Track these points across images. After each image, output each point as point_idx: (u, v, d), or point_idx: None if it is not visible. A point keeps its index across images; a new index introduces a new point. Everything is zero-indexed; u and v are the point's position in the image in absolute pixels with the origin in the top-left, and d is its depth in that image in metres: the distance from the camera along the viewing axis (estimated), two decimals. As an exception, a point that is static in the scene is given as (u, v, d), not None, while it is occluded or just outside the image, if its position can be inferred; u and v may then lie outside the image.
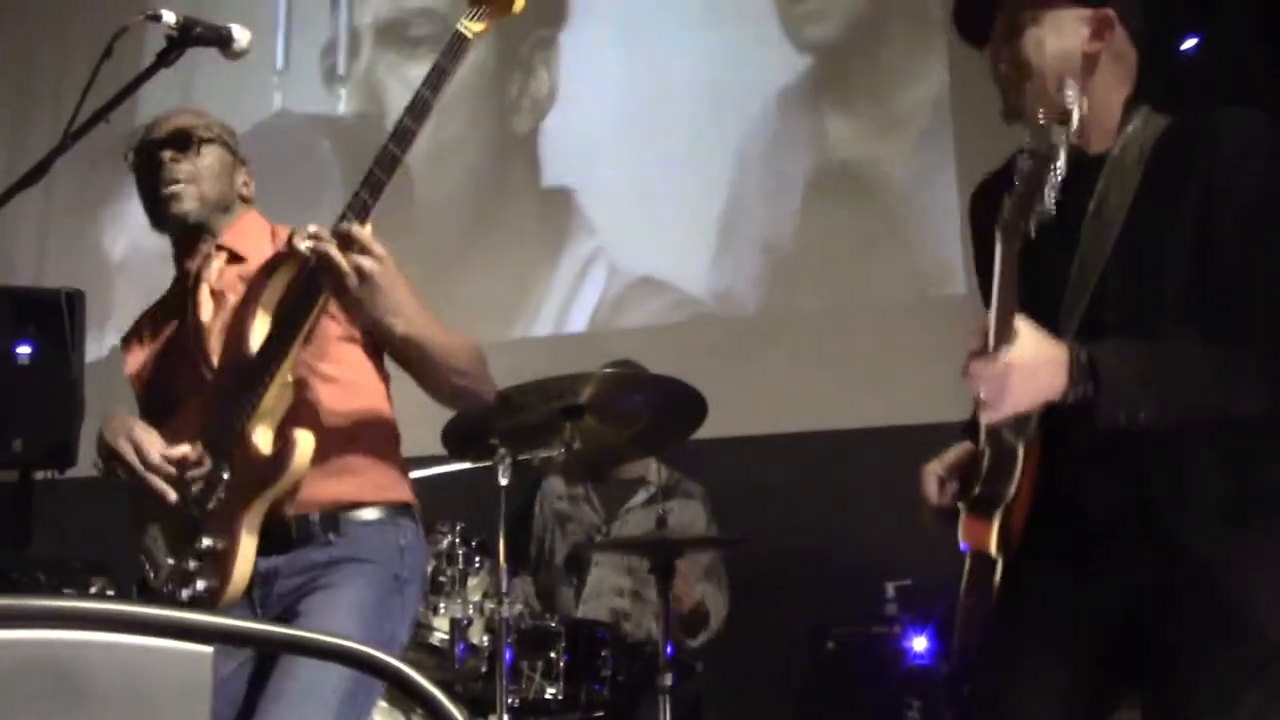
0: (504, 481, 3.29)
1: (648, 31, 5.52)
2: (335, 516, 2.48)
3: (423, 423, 3.25)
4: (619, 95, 5.51)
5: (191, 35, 2.41)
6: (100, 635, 0.97)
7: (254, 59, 2.55)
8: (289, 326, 2.35)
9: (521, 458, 3.37)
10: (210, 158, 2.62)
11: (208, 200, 2.60)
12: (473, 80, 5.62)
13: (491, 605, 3.28)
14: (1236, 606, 2.02)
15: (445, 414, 3.36)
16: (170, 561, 2.47)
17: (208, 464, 2.41)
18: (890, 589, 4.25)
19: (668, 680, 3.44)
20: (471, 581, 3.51)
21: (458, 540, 3.50)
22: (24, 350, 4.61)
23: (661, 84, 5.43)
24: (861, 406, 4.81)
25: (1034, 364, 1.94)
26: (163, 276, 2.75)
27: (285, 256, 2.39)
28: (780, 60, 5.29)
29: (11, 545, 4.81)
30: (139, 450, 2.42)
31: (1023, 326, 1.94)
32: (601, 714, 3.71)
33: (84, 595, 4.08)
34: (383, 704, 3.41)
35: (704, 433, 3.65)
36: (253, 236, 2.63)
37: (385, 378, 2.63)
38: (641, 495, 4.26)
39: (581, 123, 5.55)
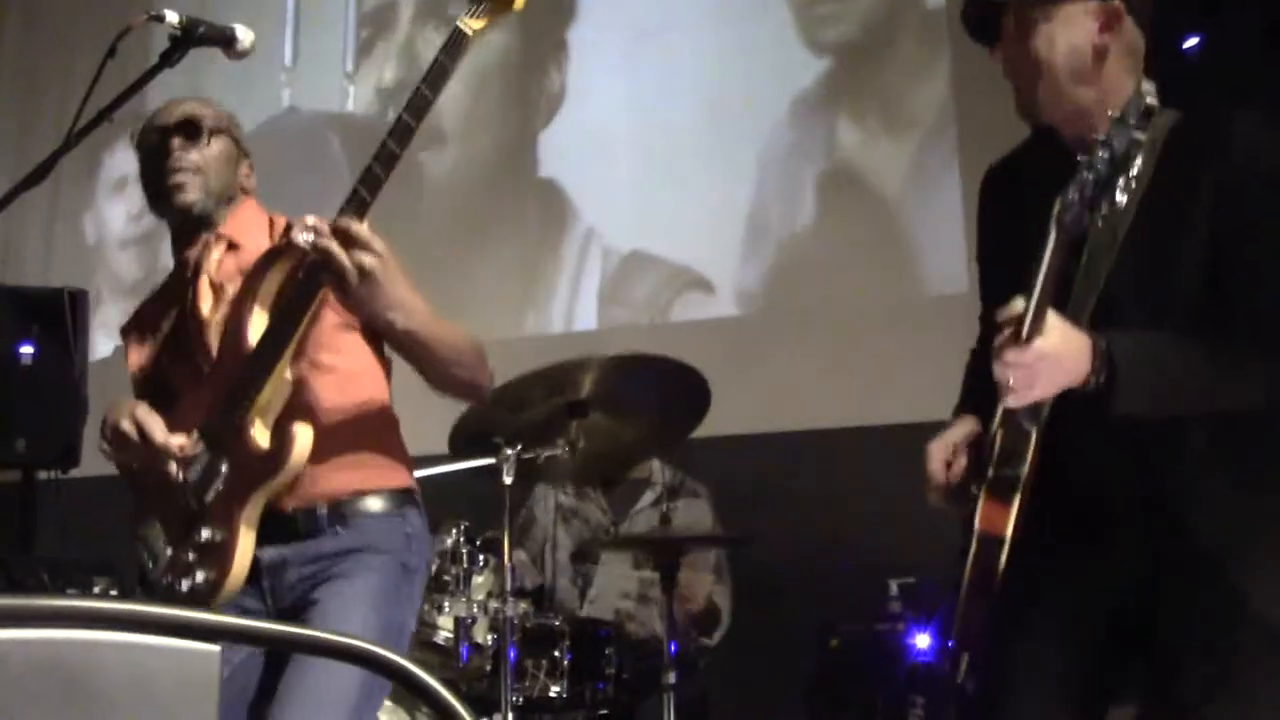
0: (508, 480, 3.29)
1: (656, 31, 5.52)
2: (341, 508, 2.49)
3: (428, 422, 3.25)
4: (627, 96, 5.51)
5: (195, 35, 2.42)
6: (107, 635, 0.98)
7: (262, 55, 2.56)
8: (287, 321, 2.35)
9: (526, 456, 3.37)
10: (217, 148, 2.62)
11: (212, 192, 2.60)
12: (483, 79, 5.62)
13: (496, 604, 3.28)
14: (1238, 597, 2.04)
15: (451, 414, 3.37)
16: (169, 552, 2.48)
17: (205, 456, 2.42)
18: (894, 587, 4.25)
19: (671, 678, 3.45)
20: (476, 580, 3.51)
21: (462, 539, 3.51)
22: (27, 350, 4.61)
23: (669, 85, 5.43)
24: (866, 404, 4.81)
25: (1062, 353, 1.96)
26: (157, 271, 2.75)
27: (284, 249, 2.39)
28: (792, 62, 5.28)
29: (15, 545, 4.82)
30: (143, 431, 2.42)
31: (1052, 316, 1.95)
32: (606, 712, 3.72)
33: (89, 595, 4.09)
34: (388, 703, 3.42)
35: (708, 431, 3.66)
36: (252, 226, 2.64)
37: (386, 363, 2.64)
38: (648, 496, 4.26)
39: (590, 123, 5.55)
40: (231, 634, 0.98)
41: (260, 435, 2.37)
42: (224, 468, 2.40)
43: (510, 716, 3.23)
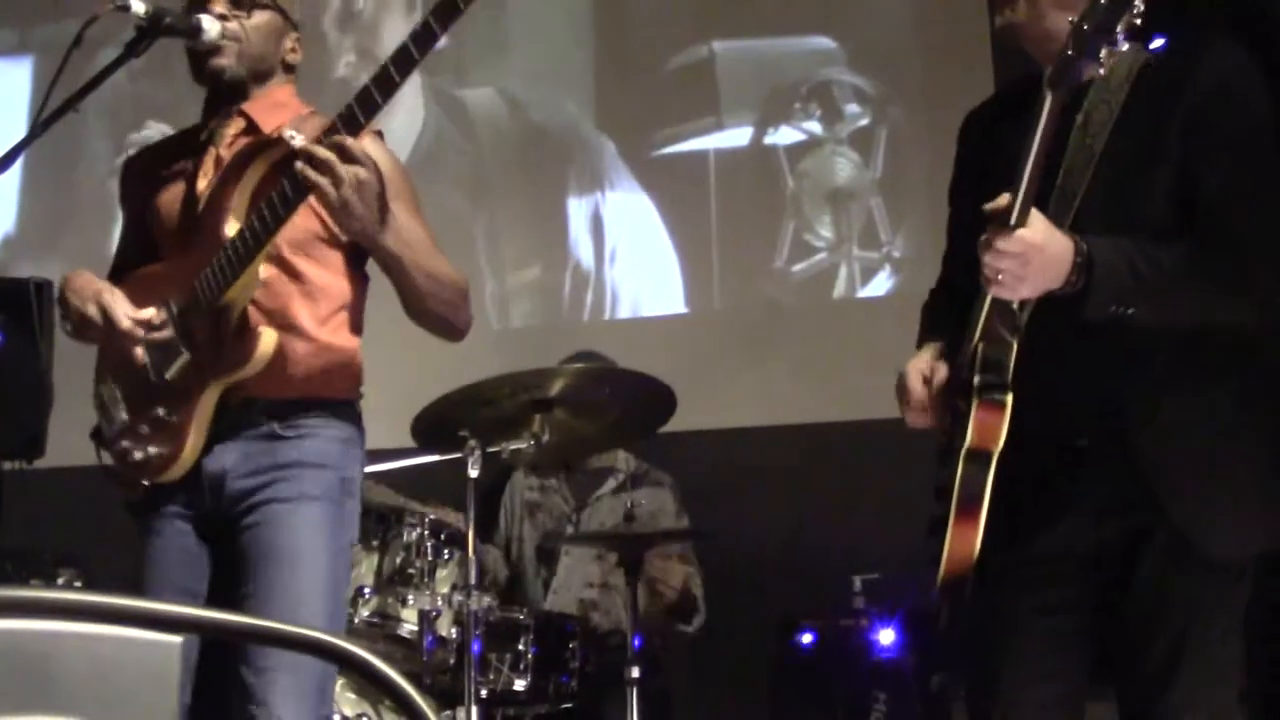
0: (474, 474, 3.29)
1: None
2: (284, 412, 2.51)
3: (392, 415, 3.26)
4: (594, 86, 5.51)
5: (161, 25, 2.42)
6: (68, 625, 0.98)
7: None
8: (267, 219, 2.34)
9: (491, 450, 3.37)
10: (260, 19, 2.59)
11: (246, 58, 2.57)
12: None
13: (460, 598, 3.29)
14: (1200, 530, 2.06)
15: (415, 407, 3.38)
16: (125, 418, 2.54)
17: (169, 332, 2.45)
18: (858, 583, 4.28)
19: (635, 673, 3.46)
20: (440, 573, 3.51)
21: (426, 532, 3.51)
22: (-8, 340, 4.58)
23: (637, 74, 5.44)
24: (830, 401, 4.84)
25: (1049, 245, 1.97)
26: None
27: (277, 143, 2.37)
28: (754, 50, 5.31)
29: (-21, 536, 4.79)
30: (107, 314, 2.44)
31: (1036, 213, 1.97)
32: (569, 706, 3.73)
33: (50, 585, 4.08)
34: (350, 695, 3.42)
35: (673, 425, 3.67)
36: (279, 111, 2.60)
37: (364, 280, 2.65)
38: (610, 483, 4.27)
39: (558, 113, 5.55)
40: (194, 625, 0.99)
41: (226, 328, 2.41)
42: (186, 351, 2.45)
43: (474, 710, 3.23)
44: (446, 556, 3.55)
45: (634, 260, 5.38)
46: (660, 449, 4.28)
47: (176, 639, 0.97)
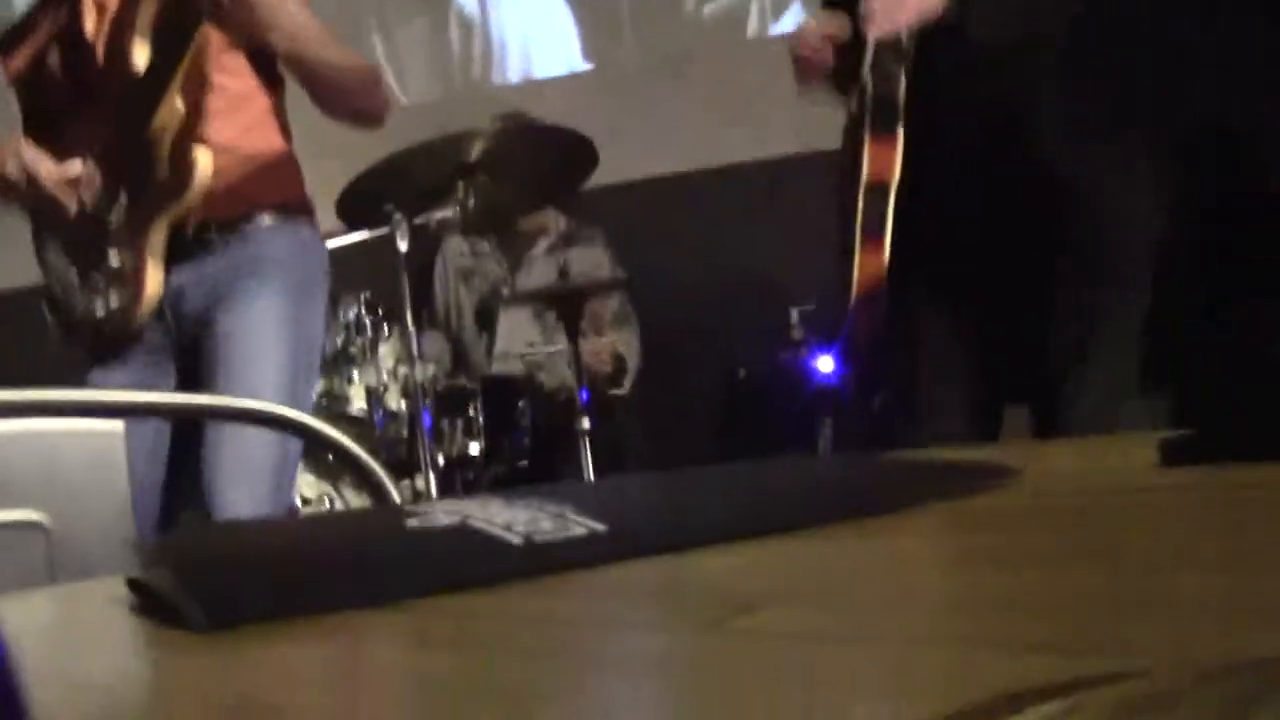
0: (403, 247, 3.29)
1: None
2: (234, 224, 2.49)
3: (316, 197, 3.23)
4: None
5: None
6: (9, 423, 1.00)
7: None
8: (170, 47, 2.31)
9: (418, 221, 3.36)
10: None
11: None
12: None
13: (405, 370, 3.32)
14: (1091, 228, 2.12)
15: (337, 187, 3.35)
16: (76, 279, 2.51)
17: (99, 181, 2.42)
18: (795, 314, 4.35)
19: (585, 424, 3.52)
20: (382, 349, 3.54)
21: (364, 310, 3.52)
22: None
23: None
24: (753, 140, 4.82)
25: None
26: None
27: None
28: None
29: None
30: (30, 174, 2.42)
31: None
32: (525, 463, 3.81)
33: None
34: (310, 476, 3.48)
35: (598, 179, 3.66)
36: None
37: (279, 81, 2.61)
38: (543, 244, 4.29)
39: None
40: (133, 409, 1.01)
41: (160, 161, 2.38)
42: (123, 195, 2.41)
43: (431, 476, 3.30)
44: (386, 333, 3.58)
45: (534, 16, 5.29)
46: (587, 205, 4.28)
47: (119, 425, 0.99)
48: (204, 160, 2.37)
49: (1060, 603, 0.39)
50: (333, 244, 3.63)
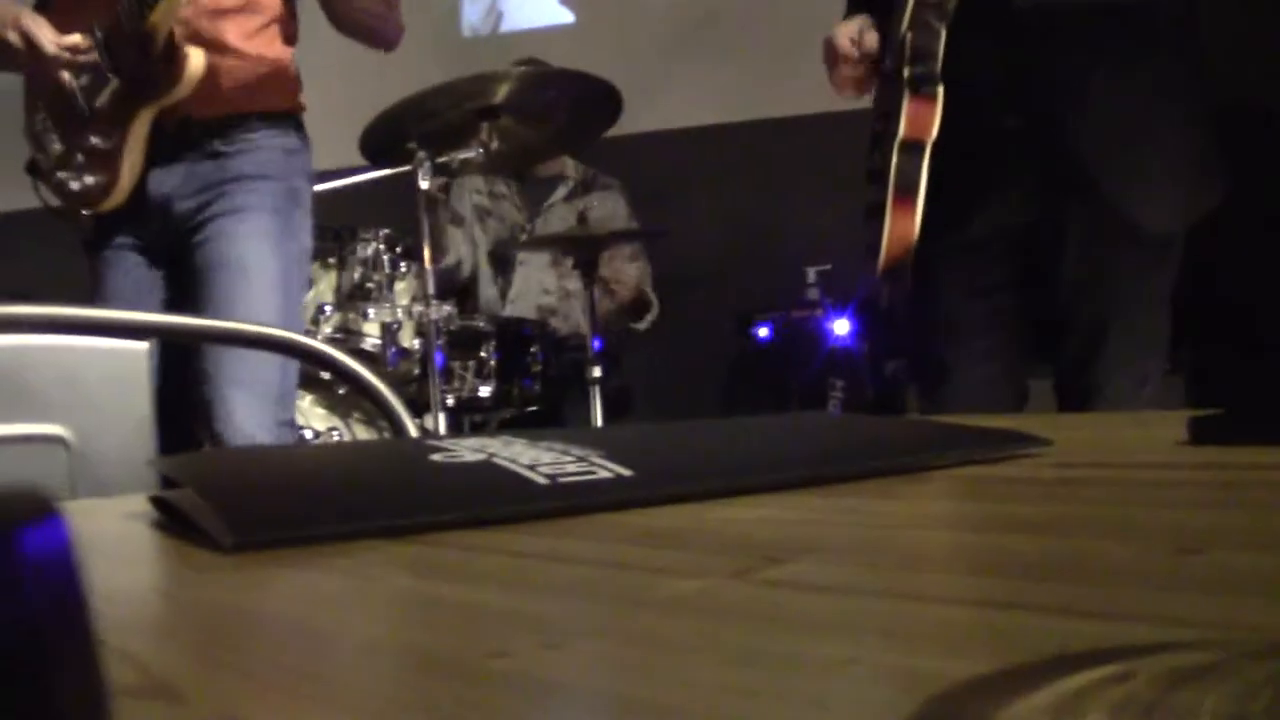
0: (424, 185, 3.28)
1: None
2: (224, 126, 2.50)
3: (339, 132, 3.22)
4: None
5: None
6: (39, 339, 1.00)
7: None
8: None
9: (440, 160, 3.35)
10: None
11: None
12: None
13: (420, 308, 3.32)
14: (1131, 204, 2.10)
15: (362, 123, 3.34)
16: (59, 148, 2.53)
17: (95, 56, 2.42)
18: (811, 274, 4.33)
19: (596, 372, 3.52)
20: (399, 286, 3.54)
21: (382, 246, 3.52)
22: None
23: None
24: (775, 96, 4.79)
25: None
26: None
27: None
28: None
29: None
30: (30, 40, 2.41)
31: None
32: (535, 408, 3.81)
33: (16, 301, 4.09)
34: (320, 410, 3.49)
35: (619, 129, 3.65)
36: None
37: None
38: (561, 191, 4.28)
39: None
40: (155, 330, 1.01)
41: (154, 50, 2.38)
42: (114, 77, 2.42)
43: (441, 416, 3.30)
44: (404, 270, 3.57)
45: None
46: (607, 155, 4.27)
47: (143, 345, 0.99)
48: (196, 59, 2.39)
49: (1098, 573, 0.39)
50: (355, 179, 3.64)
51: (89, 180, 2.47)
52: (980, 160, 2.15)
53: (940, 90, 2.07)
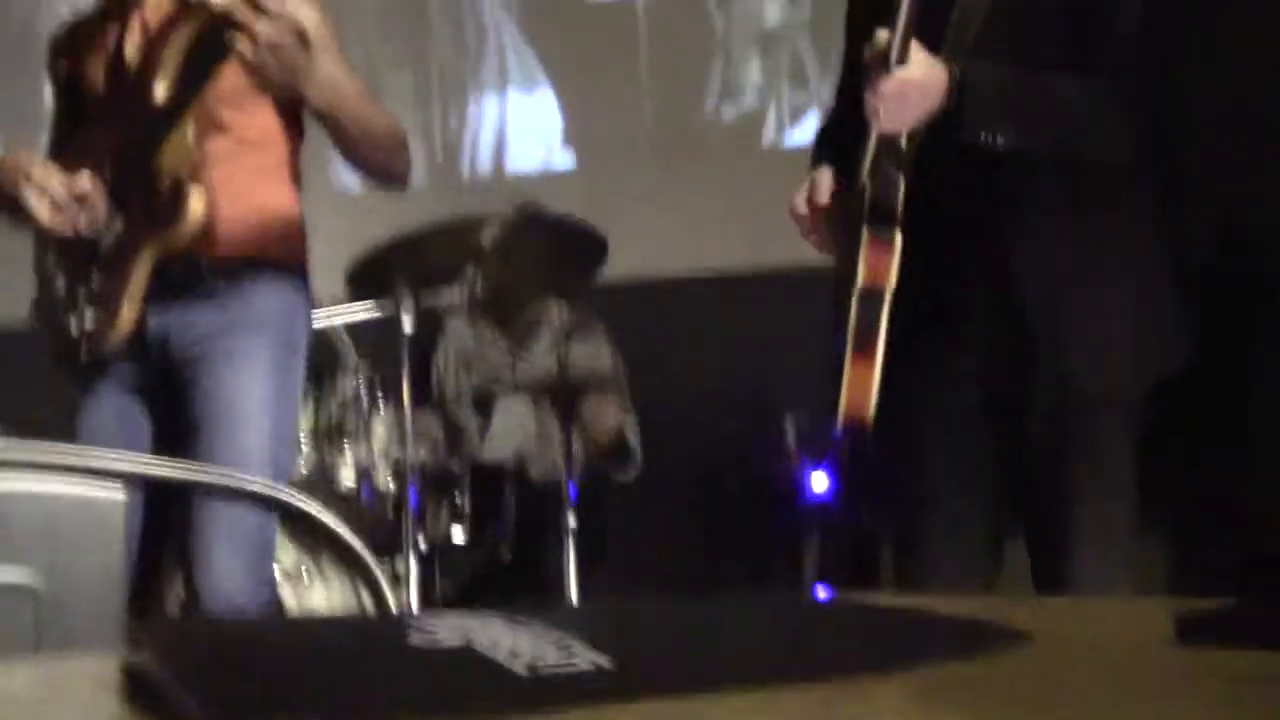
0: (408, 328, 3.30)
1: None
2: (224, 271, 2.50)
3: (325, 268, 3.24)
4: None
5: None
6: (11, 482, 0.99)
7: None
8: (193, 81, 2.35)
9: (425, 305, 3.37)
10: None
11: None
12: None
13: (396, 451, 3.31)
14: (1087, 373, 2.10)
15: (346, 257, 3.35)
16: (63, 289, 2.54)
17: (102, 202, 2.44)
18: (790, 425, 4.33)
19: (571, 521, 3.50)
20: (377, 427, 3.53)
21: (362, 385, 3.51)
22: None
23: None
24: (756, 247, 4.83)
25: (928, 81, 1.99)
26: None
27: (201, 4, 2.34)
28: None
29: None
30: (39, 188, 2.42)
31: (915, 46, 1.97)
32: (507, 556, 3.77)
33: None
34: (290, 547, 3.45)
35: (611, 271, 3.67)
36: None
37: (300, 133, 2.64)
38: (546, 336, 4.29)
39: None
40: (138, 476, 1.00)
41: (159, 193, 2.40)
42: (120, 219, 2.44)
43: (412, 559, 3.27)
44: (381, 411, 3.56)
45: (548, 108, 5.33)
46: (592, 299, 4.29)
47: (122, 496, 0.98)
48: (197, 199, 2.39)
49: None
50: (339, 318, 3.64)
51: (89, 323, 2.47)
52: (945, 313, 2.15)
53: (897, 237, 2.06)
